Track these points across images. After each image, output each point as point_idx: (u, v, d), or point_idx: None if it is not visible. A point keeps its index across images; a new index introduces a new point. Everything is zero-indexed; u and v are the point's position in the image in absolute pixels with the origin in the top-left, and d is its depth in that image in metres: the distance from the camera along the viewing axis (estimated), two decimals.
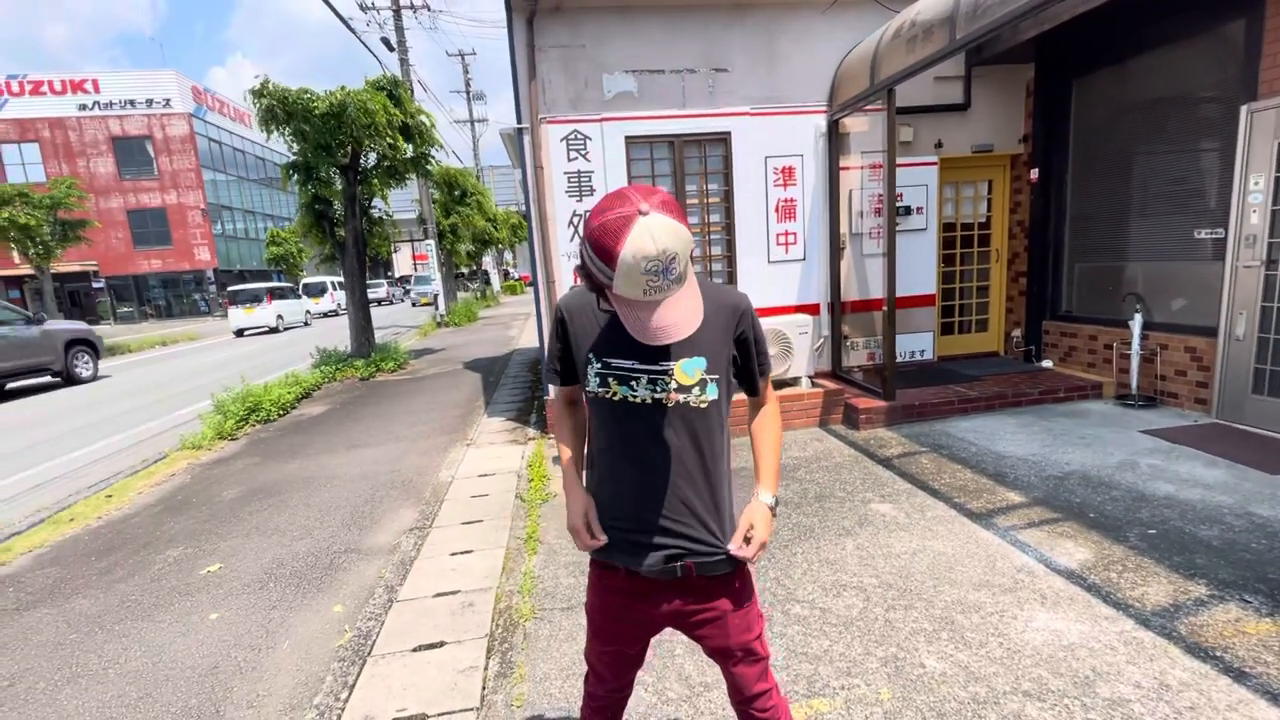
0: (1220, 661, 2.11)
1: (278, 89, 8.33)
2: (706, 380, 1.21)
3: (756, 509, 1.31)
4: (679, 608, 1.31)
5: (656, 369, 1.20)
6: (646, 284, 1.02)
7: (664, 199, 1.04)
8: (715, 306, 1.22)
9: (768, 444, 1.38)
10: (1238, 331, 4.30)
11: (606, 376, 1.23)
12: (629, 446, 1.25)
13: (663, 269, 1.01)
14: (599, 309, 1.23)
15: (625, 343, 1.18)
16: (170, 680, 2.52)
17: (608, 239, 1.01)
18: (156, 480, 5.20)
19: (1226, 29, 4.33)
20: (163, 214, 32.08)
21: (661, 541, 1.25)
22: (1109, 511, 3.25)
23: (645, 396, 1.21)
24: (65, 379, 11.07)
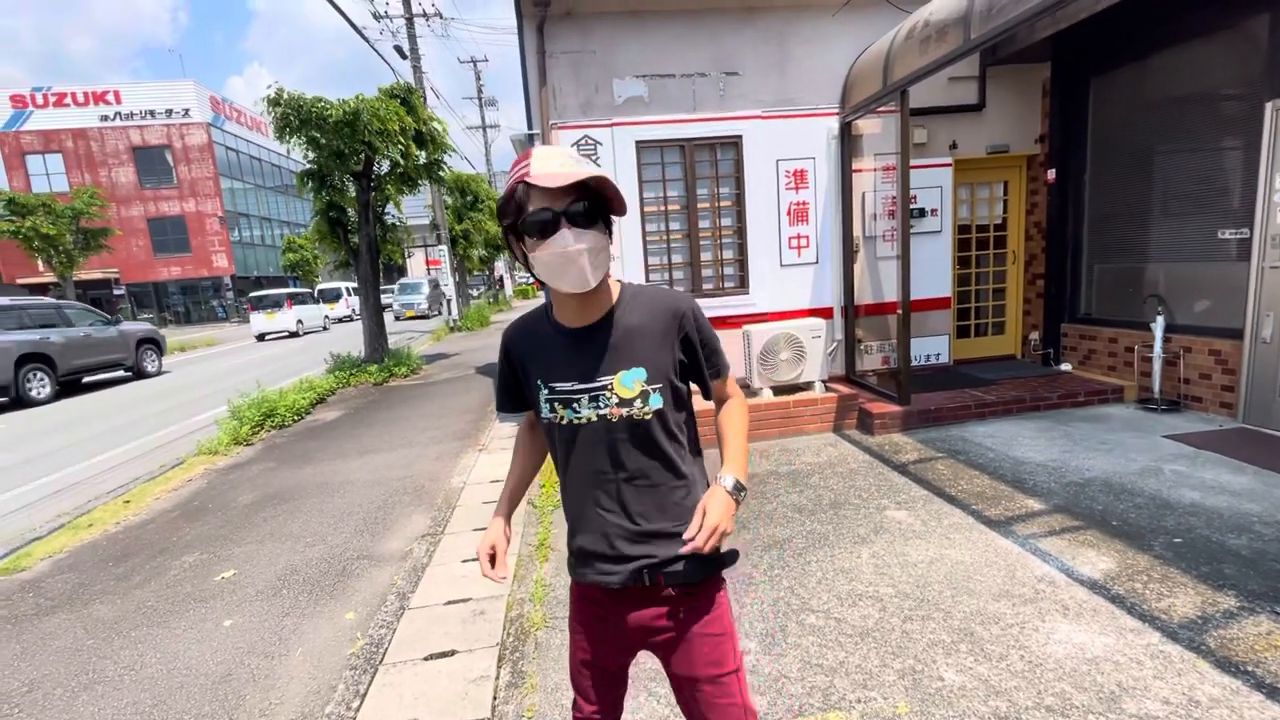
0: (1252, 676, 2.04)
1: (292, 97, 8.42)
2: (648, 391, 1.19)
3: (713, 493, 1.22)
4: (648, 621, 1.26)
5: (596, 386, 1.19)
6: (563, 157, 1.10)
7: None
8: (652, 313, 1.22)
9: (731, 426, 1.32)
10: (1264, 333, 4.19)
11: (553, 401, 1.22)
12: (584, 466, 1.23)
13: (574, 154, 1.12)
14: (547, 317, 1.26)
15: (565, 365, 1.21)
16: (184, 688, 2.53)
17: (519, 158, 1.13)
18: (174, 486, 5.26)
19: (1250, 24, 4.24)
20: (182, 222, 32.63)
21: (628, 553, 1.22)
22: (1132, 519, 3.17)
23: (589, 415, 1.19)
24: (135, 374, 12.62)
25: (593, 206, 1.11)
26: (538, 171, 1.07)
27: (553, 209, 1.08)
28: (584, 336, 1.21)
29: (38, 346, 10.29)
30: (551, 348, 1.23)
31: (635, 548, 1.22)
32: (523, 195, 1.09)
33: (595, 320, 1.21)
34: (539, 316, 1.29)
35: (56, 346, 10.59)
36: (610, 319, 1.21)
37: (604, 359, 1.19)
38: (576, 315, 1.21)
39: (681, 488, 1.25)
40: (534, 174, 1.07)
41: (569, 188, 1.07)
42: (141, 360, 12.64)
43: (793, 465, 4.39)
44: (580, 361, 1.20)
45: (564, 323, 1.23)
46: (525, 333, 1.30)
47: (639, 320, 1.21)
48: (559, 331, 1.23)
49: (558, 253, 1.09)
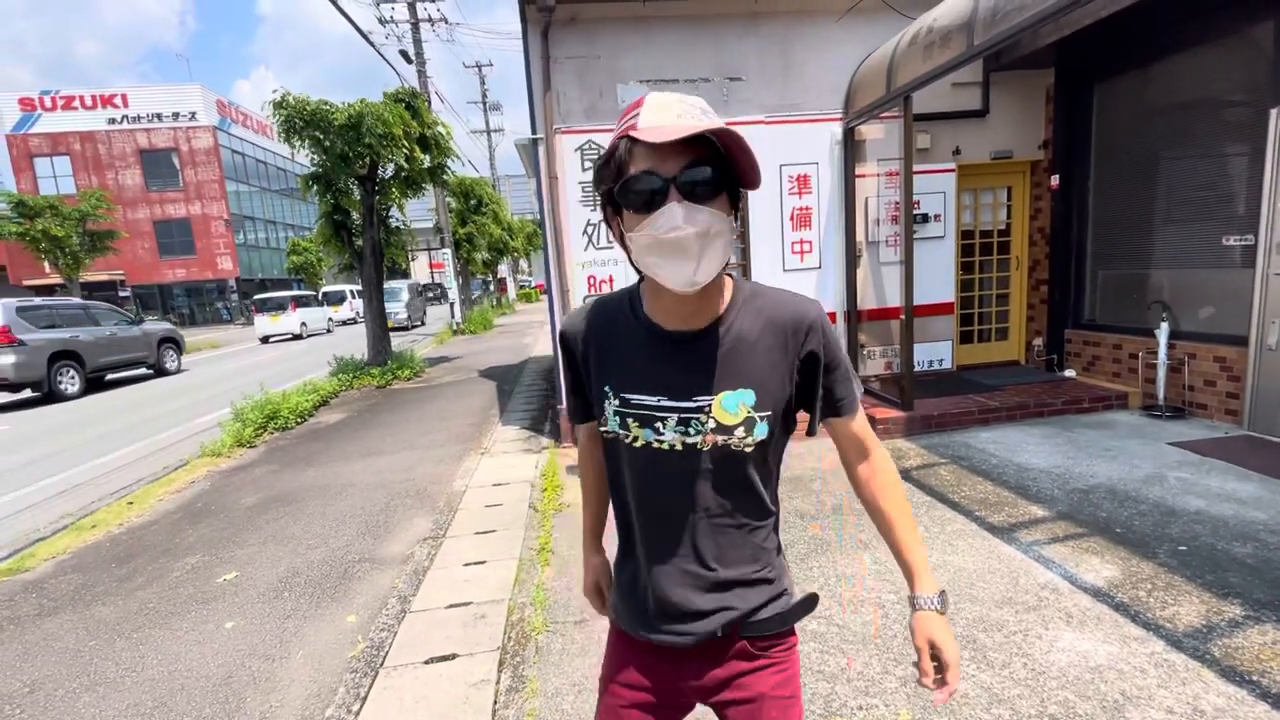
0: (1257, 686, 2.03)
1: (297, 101, 8.47)
2: (755, 419, 0.94)
3: (929, 622, 0.98)
4: (713, 680, 1.04)
5: (690, 405, 0.94)
6: (679, 110, 0.83)
7: None
8: (771, 320, 0.97)
9: (896, 505, 1.05)
10: (1270, 341, 4.18)
11: (625, 416, 0.97)
12: (655, 499, 1.00)
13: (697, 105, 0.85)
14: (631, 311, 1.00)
15: (650, 374, 0.96)
16: (185, 690, 2.53)
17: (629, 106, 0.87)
18: (177, 487, 5.27)
19: (1254, 31, 4.24)
20: (187, 224, 32.80)
21: (702, 607, 1.00)
22: (1137, 527, 3.15)
23: (674, 441, 0.95)
24: (156, 371, 13.13)
25: (717, 174, 0.85)
26: (648, 123, 0.81)
27: (661, 175, 0.82)
28: (683, 343, 0.95)
29: (68, 345, 10.76)
30: (634, 348, 0.98)
31: (710, 598, 1.00)
32: (624, 154, 0.85)
33: (702, 326, 0.95)
34: (621, 303, 1.02)
35: (85, 344, 11.06)
36: (718, 324, 0.96)
37: (706, 374, 0.94)
38: (678, 315, 0.95)
39: (765, 527, 1.04)
40: (643, 126, 0.81)
41: (686, 147, 0.82)
42: (162, 359, 13.18)
43: (795, 469, 4.38)
44: (673, 373, 0.95)
45: (658, 321, 0.97)
46: (600, 321, 1.03)
47: (754, 328, 0.96)
48: (650, 331, 0.97)
49: (663, 236, 0.83)
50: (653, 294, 0.97)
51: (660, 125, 0.81)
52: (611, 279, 5.47)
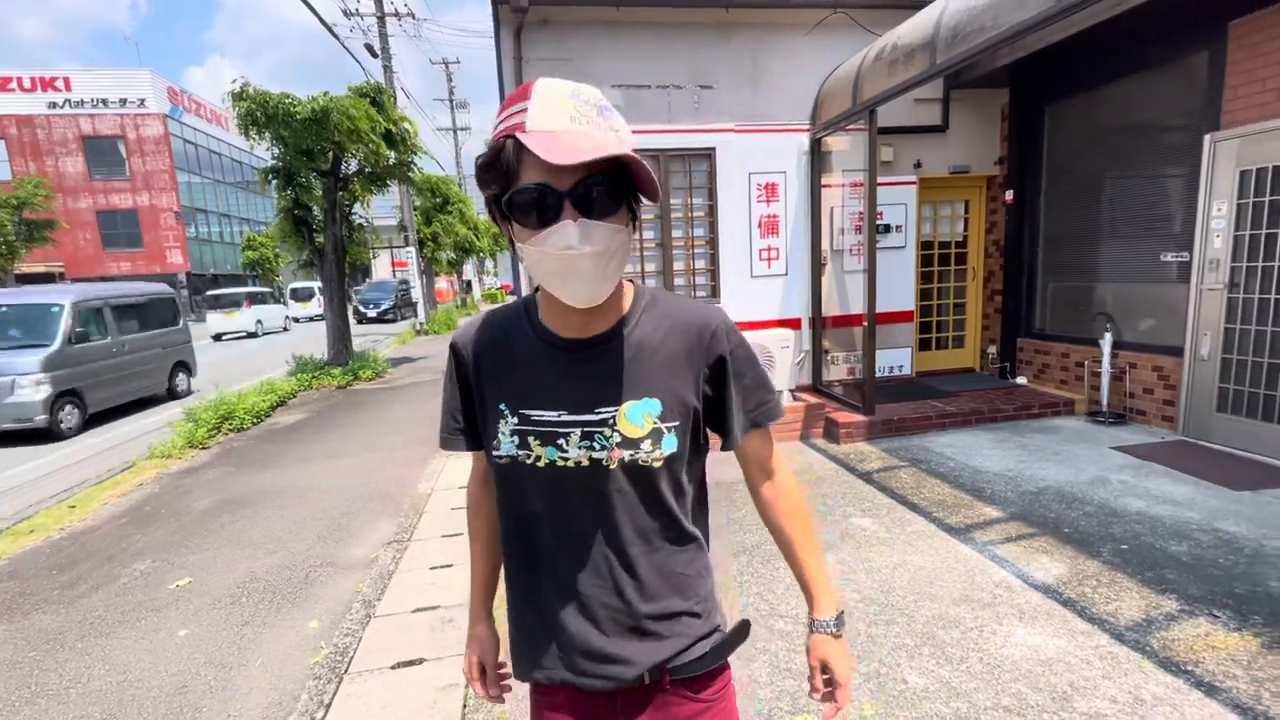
0: (1192, 676, 2.16)
1: (258, 92, 8.22)
2: (661, 430, 0.88)
3: (824, 644, 0.99)
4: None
5: (593, 419, 0.87)
6: (574, 109, 0.76)
7: None
8: (674, 327, 0.91)
9: (799, 527, 1.02)
10: (1203, 351, 4.45)
11: (526, 435, 0.88)
12: (560, 525, 0.91)
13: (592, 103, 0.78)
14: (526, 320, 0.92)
15: (548, 387, 0.89)
16: (136, 701, 2.43)
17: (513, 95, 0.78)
18: (123, 490, 5.04)
19: (1191, 61, 4.51)
20: (134, 215, 31.34)
21: (620, 649, 0.91)
22: (1083, 527, 3.32)
23: (579, 457, 0.87)
24: None
25: (612, 184, 0.78)
26: (537, 126, 0.74)
27: (555, 188, 0.75)
28: (582, 352, 0.89)
29: None
30: (530, 361, 0.91)
31: (633, 639, 0.91)
32: (513, 156, 0.76)
33: (600, 332, 0.89)
34: (514, 316, 0.95)
35: None
36: (619, 331, 0.90)
37: (609, 384, 0.88)
38: (574, 323, 0.89)
39: (686, 552, 0.96)
40: (531, 128, 0.74)
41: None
42: None
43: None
44: (574, 384, 0.88)
45: (555, 330, 0.91)
46: (493, 334, 0.95)
47: (657, 334, 0.91)
48: (547, 341, 0.91)
49: (557, 254, 0.77)
50: (547, 301, 0.91)
51: (551, 132, 0.74)
52: None
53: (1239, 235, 4.19)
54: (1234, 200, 4.19)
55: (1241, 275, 4.19)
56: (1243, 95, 4.12)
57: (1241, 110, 4.13)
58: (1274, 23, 3.91)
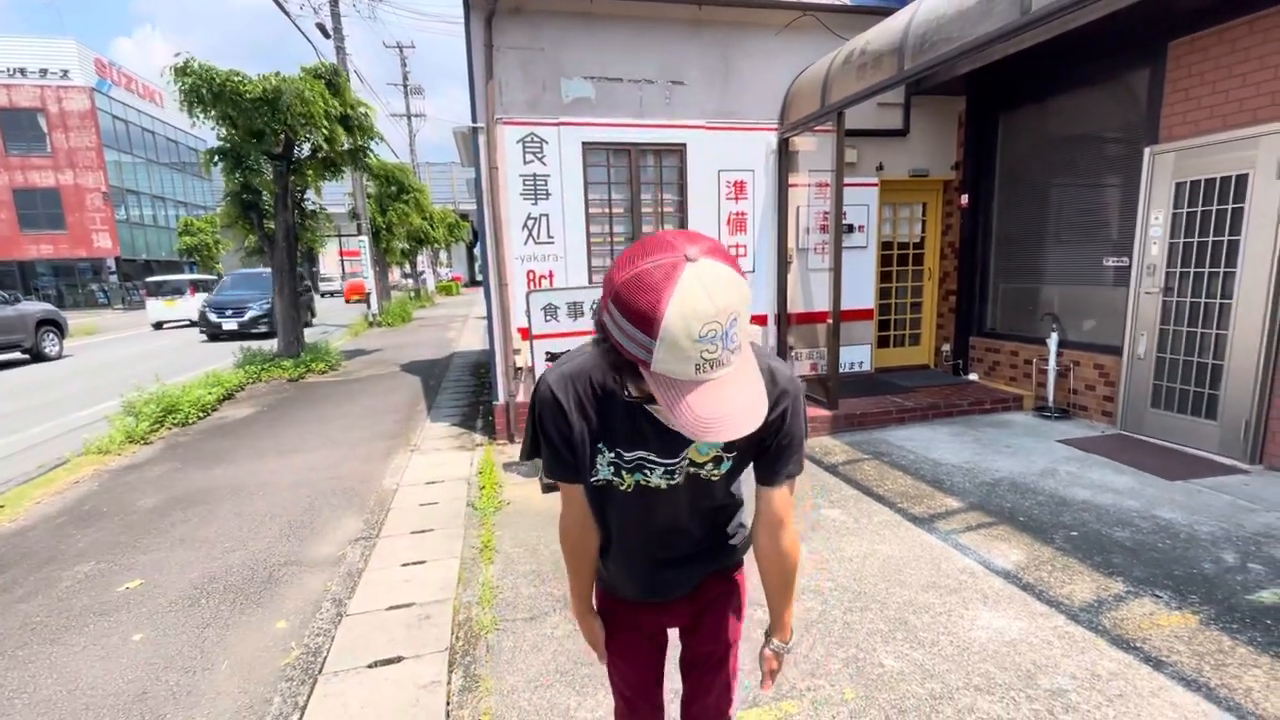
0: (1141, 652, 2.32)
1: (203, 68, 7.78)
2: (722, 457, 1.12)
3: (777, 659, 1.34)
4: (687, 609, 1.35)
5: (673, 460, 1.10)
6: (700, 356, 0.77)
7: (712, 245, 0.81)
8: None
9: (783, 577, 1.25)
10: (1139, 351, 4.75)
11: (620, 467, 1.11)
12: (642, 524, 1.21)
13: (722, 334, 0.77)
14: (626, 395, 0.98)
15: (642, 435, 1.06)
16: (91, 709, 2.29)
17: (644, 295, 0.76)
18: (57, 488, 4.73)
19: (1133, 77, 4.80)
20: (56, 195, 29.27)
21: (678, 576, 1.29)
22: (1036, 515, 3.51)
23: (659, 483, 1.13)
24: (34, 356, 11.90)
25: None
26: (665, 368, 0.79)
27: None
28: None
29: None
30: (627, 417, 1.06)
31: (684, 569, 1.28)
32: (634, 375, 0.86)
33: None
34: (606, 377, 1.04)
35: None
36: None
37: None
38: None
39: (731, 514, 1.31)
40: (656, 370, 0.79)
41: None
42: (41, 343, 11.99)
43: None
44: (663, 436, 1.05)
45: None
46: (591, 394, 1.06)
47: None
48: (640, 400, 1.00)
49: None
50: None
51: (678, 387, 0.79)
52: (551, 274, 5.42)
53: (1174, 243, 4.49)
54: (1170, 210, 4.49)
55: (1176, 280, 4.50)
56: (1179, 111, 4.41)
57: (1178, 125, 4.42)
58: (1209, 45, 4.19)
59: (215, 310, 14.58)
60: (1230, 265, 4.14)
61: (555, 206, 5.35)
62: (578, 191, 5.39)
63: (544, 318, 4.48)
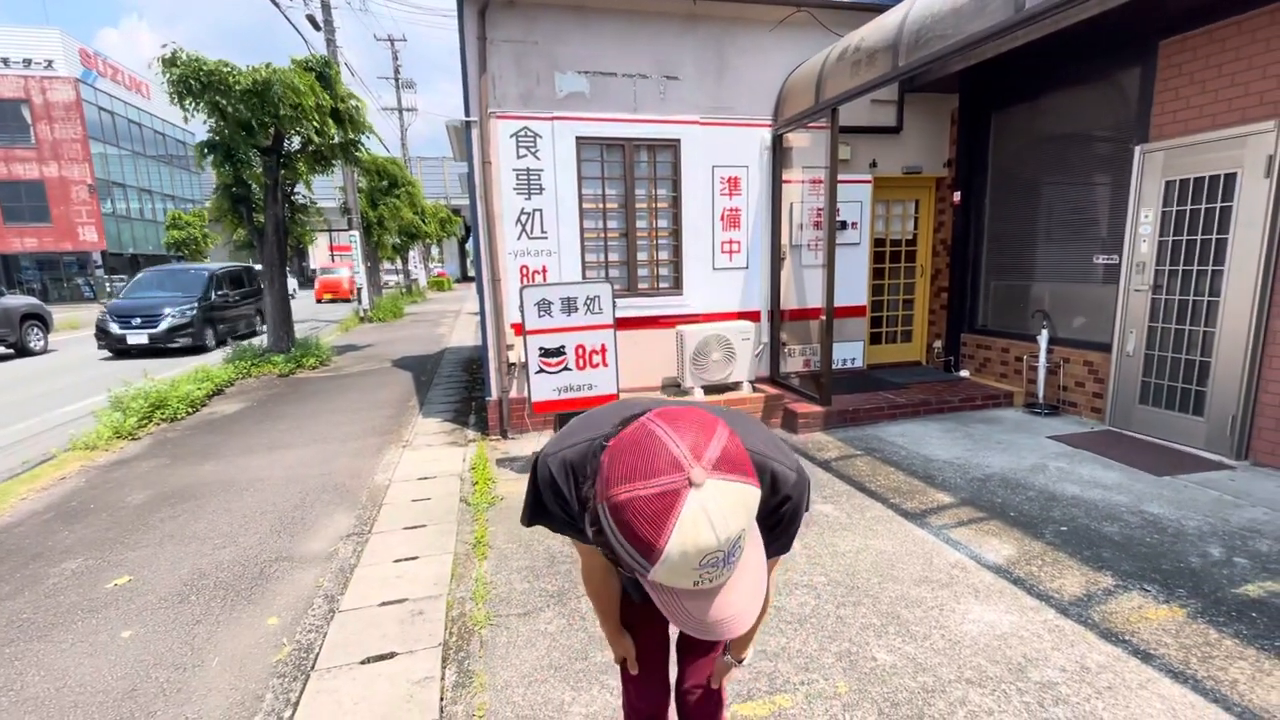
0: (1129, 645, 2.35)
1: (192, 59, 7.68)
2: None
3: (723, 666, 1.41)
4: None
5: None
6: (699, 576, 0.73)
7: (723, 449, 0.74)
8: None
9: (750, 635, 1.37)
10: (1128, 348, 4.80)
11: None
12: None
13: (723, 559, 0.72)
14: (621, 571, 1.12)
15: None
16: (79, 707, 2.27)
17: (643, 526, 0.70)
18: (43, 484, 4.67)
19: (1124, 76, 4.83)
20: (40, 187, 28.80)
21: None
22: (1026, 511, 3.54)
23: None
24: (18, 351, 11.73)
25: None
26: (662, 578, 0.74)
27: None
28: None
29: None
30: None
31: None
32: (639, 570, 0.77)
33: None
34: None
35: None
36: None
37: None
38: None
39: None
40: (654, 578, 0.74)
41: None
42: (25, 337, 11.80)
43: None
44: None
45: None
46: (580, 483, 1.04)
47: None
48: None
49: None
50: None
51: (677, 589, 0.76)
52: (545, 269, 5.41)
53: (1163, 240, 4.53)
54: (1159, 208, 4.52)
55: (1164, 278, 4.54)
56: (1169, 110, 4.45)
57: (1168, 124, 4.45)
58: (1199, 44, 4.23)
59: (118, 319, 10.92)
60: (1218, 263, 4.18)
61: (549, 201, 5.33)
62: (571, 186, 5.36)
63: (537, 313, 4.47)
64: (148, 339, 10.85)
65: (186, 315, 11.22)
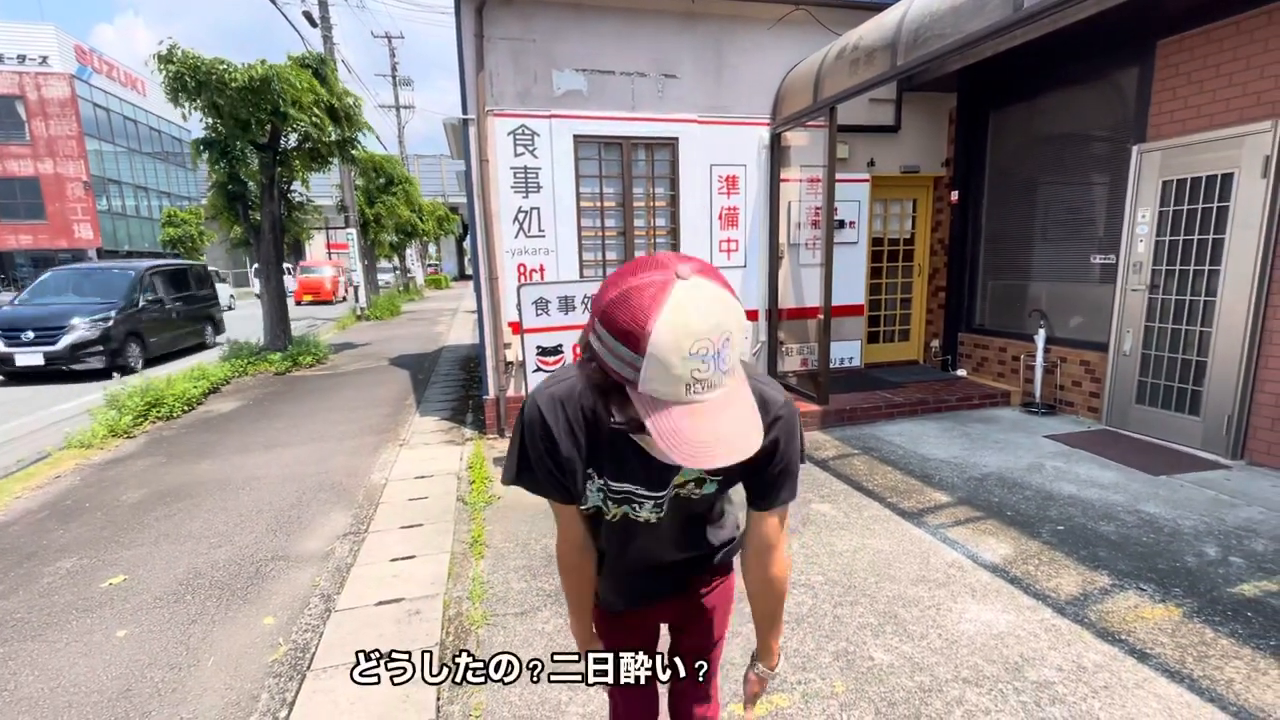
0: (1125, 644, 2.35)
1: (189, 56, 7.64)
2: (705, 478, 1.09)
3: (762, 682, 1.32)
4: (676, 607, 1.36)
5: (661, 493, 1.07)
6: (691, 376, 0.73)
7: (705, 265, 0.79)
8: None
9: (768, 611, 1.24)
10: (1125, 348, 4.81)
11: (607, 498, 1.09)
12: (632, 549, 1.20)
13: (714, 354, 0.73)
14: (613, 422, 0.88)
15: (630, 467, 1.03)
16: (74, 706, 2.26)
17: (633, 311, 0.73)
18: (38, 483, 4.65)
19: (1122, 76, 4.83)
20: (35, 184, 28.65)
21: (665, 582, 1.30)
22: (1023, 510, 3.54)
23: (648, 515, 1.11)
24: None
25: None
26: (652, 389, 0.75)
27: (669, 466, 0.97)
28: None
29: None
30: (614, 448, 1.02)
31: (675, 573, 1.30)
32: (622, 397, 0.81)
33: None
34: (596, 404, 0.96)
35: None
36: None
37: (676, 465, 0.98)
38: None
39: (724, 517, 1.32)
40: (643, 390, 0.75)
41: None
42: None
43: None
44: (653, 470, 1.02)
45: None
46: (579, 421, 1.01)
47: None
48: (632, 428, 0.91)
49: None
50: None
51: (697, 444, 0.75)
52: (542, 268, 5.39)
53: (1160, 240, 4.53)
54: (1156, 208, 4.53)
55: (1161, 277, 4.55)
56: (1167, 110, 4.45)
57: (1165, 124, 4.46)
58: (1197, 44, 4.23)
59: (5, 333, 8.56)
60: (1215, 263, 4.19)
61: (546, 200, 5.32)
62: (569, 185, 5.35)
63: (535, 312, 4.46)
64: (43, 359, 8.45)
65: (99, 328, 8.76)
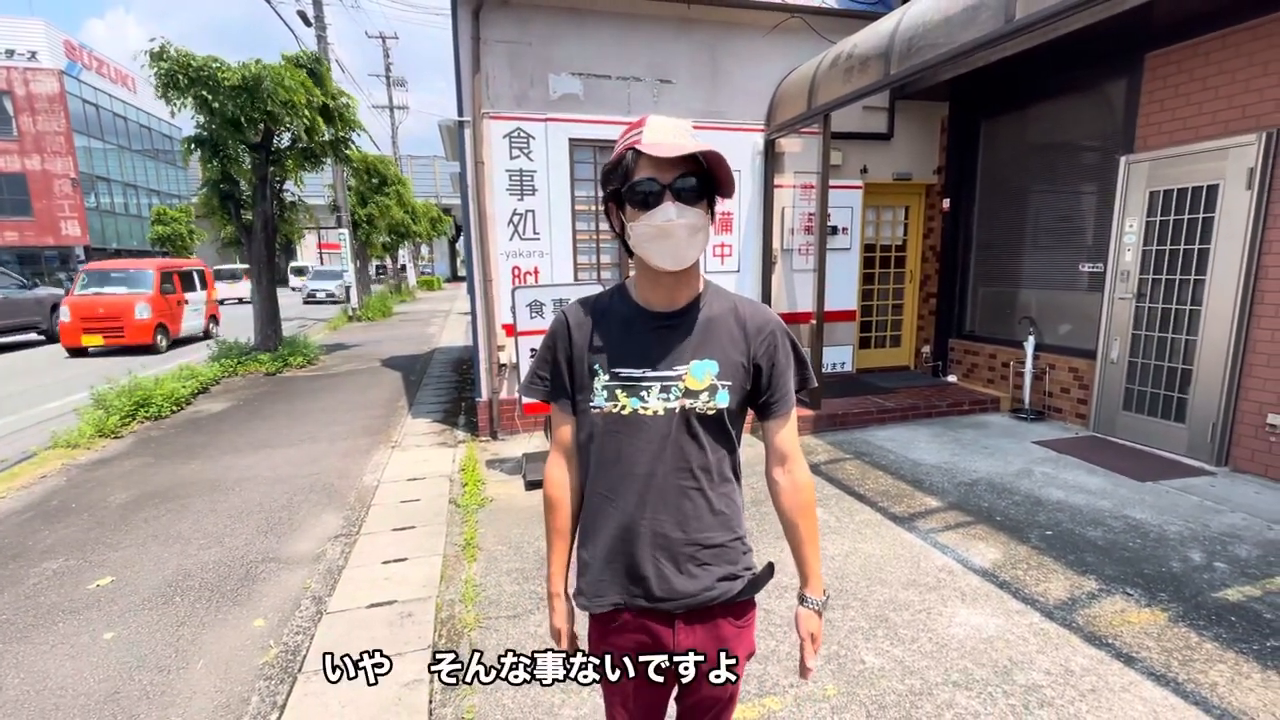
0: (1112, 648, 2.38)
1: (181, 54, 7.60)
2: (717, 385, 1.13)
3: (812, 620, 1.21)
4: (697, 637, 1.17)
5: (669, 374, 1.12)
6: (673, 130, 1.08)
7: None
8: (735, 310, 1.18)
9: (807, 520, 1.22)
10: (1113, 355, 4.87)
11: (615, 389, 1.13)
12: (636, 465, 1.13)
13: (684, 128, 1.09)
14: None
15: (636, 348, 1.15)
16: (60, 709, 2.23)
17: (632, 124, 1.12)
18: (23, 483, 4.59)
19: (1111, 88, 4.91)
20: (22, 180, 28.31)
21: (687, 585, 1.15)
22: (1012, 515, 3.58)
23: (656, 407, 1.12)
24: (49, 337, 12.75)
25: (701, 183, 1.08)
26: (650, 140, 1.05)
27: (659, 181, 1.05)
28: (667, 320, 1.15)
29: None
30: (625, 330, 1.16)
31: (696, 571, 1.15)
32: (630, 162, 1.07)
33: (682, 305, 1.16)
34: (611, 297, 1.21)
35: None
36: (695, 306, 1.17)
37: (682, 346, 1.14)
38: (665, 297, 1.16)
39: (731, 489, 1.20)
40: (646, 143, 1.05)
41: (678, 160, 1.05)
42: (55, 324, 12.45)
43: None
44: (657, 346, 1.14)
45: (647, 305, 1.17)
46: (597, 311, 1.20)
47: (721, 312, 1.17)
48: (640, 314, 1.17)
49: (658, 225, 1.05)
50: (646, 282, 1.17)
51: (660, 143, 1.05)
52: (537, 270, 5.39)
53: (1147, 250, 4.60)
54: (1144, 218, 4.60)
55: (1148, 286, 4.61)
56: (1154, 122, 4.52)
57: (1153, 135, 4.53)
58: (1184, 57, 4.30)
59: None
60: (1200, 273, 4.25)
61: (541, 202, 5.32)
62: (564, 188, 5.36)
63: (529, 314, 4.46)
64: None
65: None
